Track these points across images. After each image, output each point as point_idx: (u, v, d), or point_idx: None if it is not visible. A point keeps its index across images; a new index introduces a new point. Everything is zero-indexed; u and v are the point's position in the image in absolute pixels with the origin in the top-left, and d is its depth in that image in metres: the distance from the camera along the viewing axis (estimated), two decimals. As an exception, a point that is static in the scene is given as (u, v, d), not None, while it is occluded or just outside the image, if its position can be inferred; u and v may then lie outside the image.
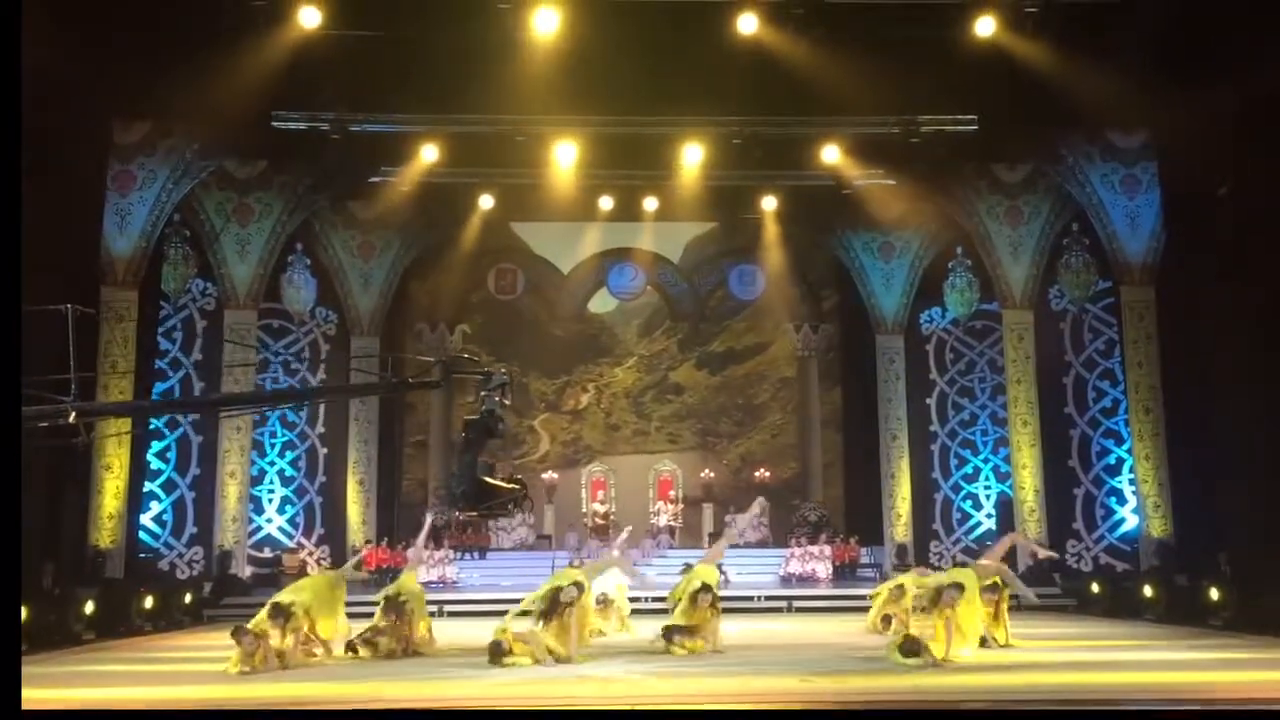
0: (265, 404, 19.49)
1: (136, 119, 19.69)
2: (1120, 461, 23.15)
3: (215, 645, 11.73)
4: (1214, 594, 15.84)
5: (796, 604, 20.10)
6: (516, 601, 13.89)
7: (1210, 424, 18.59)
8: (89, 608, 15.57)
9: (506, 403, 7.65)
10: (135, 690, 9.85)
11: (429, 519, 14.84)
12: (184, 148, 20.40)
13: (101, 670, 11.67)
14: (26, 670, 11.07)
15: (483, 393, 7.61)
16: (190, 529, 22.91)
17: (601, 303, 29.39)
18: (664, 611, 13.63)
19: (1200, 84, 16.32)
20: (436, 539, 24.55)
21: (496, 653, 10.80)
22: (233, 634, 10.81)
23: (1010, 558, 15.11)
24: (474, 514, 7.89)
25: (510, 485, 7.84)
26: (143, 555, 21.36)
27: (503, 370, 7.86)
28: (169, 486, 22.96)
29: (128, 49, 16.26)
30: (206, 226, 22.62)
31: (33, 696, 8.96)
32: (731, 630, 13.11)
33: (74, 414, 7.13)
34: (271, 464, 25.10)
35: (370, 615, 12.68)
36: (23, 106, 7.85)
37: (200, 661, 11.73)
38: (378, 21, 17.22)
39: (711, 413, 29.45)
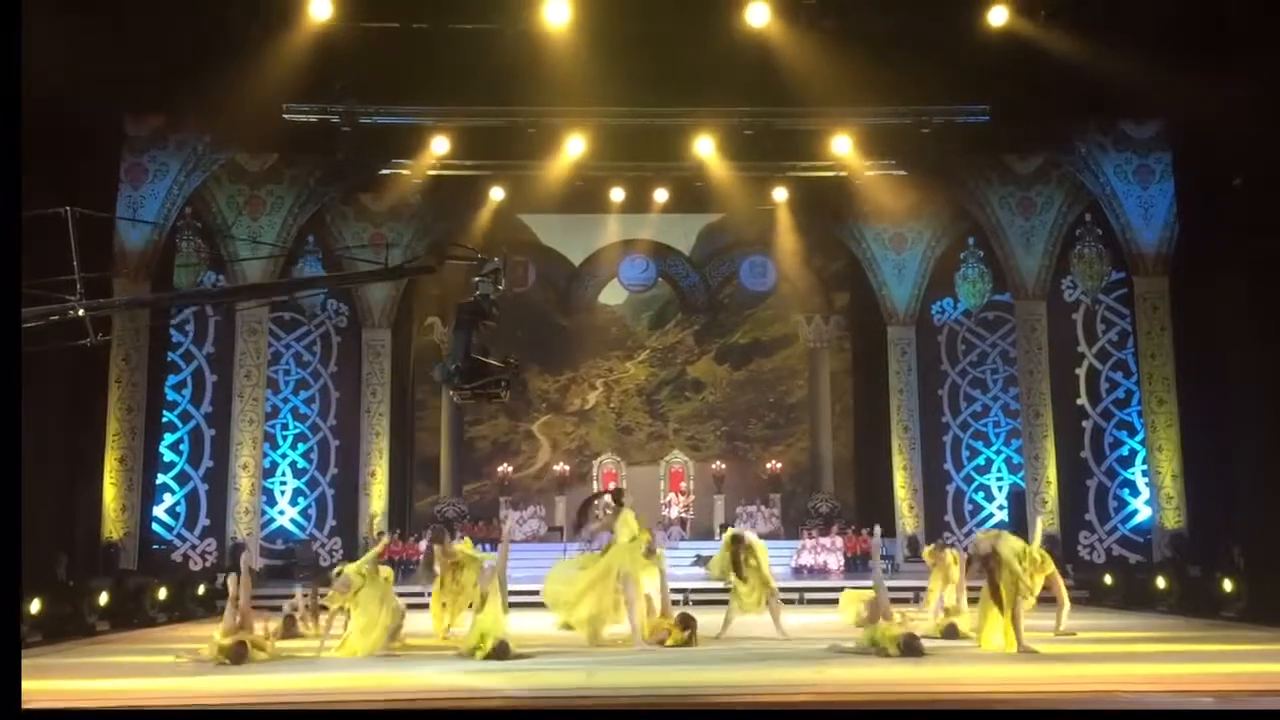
0: (272, 293, 19.51)
1: (149, 112, 19.73)
2: (1133, 453, 23.11)
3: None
4: (1228, 585, 15.79)
5: (808, 595, 20.07)
6: (529, 593, 13.92)
7: (1224, 415, 18.52)
8: (103, 599, 15.64)
9: (500, 288, 7.80)
10: (148, 682, 9.88)
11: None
12: (195, 140, 20.45)
13: (116, 661, 11.71)
14: (41, 661, 11.15)
15: (476, 278, 7.81)
16: (203, 521, 23.02)
17: (611, 294, 28.92)
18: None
19: (1215, 73, 16.23)
20: (450, 531, 24.58)
21: (503, 653, 10.79)
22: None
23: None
24: (467, 393, 7.93)
25: (502, 364, 7.96)
26: (156, 547, 21.46)
27: (495, 259, 8.00)
28: (182, 478, 23.07)
29: (140, 42, 16.30)
30: (218, 219, 22.67)
31: (50, 689, 9.02)
32: (743, 621, 13.11)
33: (82, 309, 7.24)
34: (284, 456, 25.19)
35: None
36: (36, 100, 7.88)
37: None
38: (389, 13, 17.22)
39: (739, 413, 28.33)
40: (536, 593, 13.07)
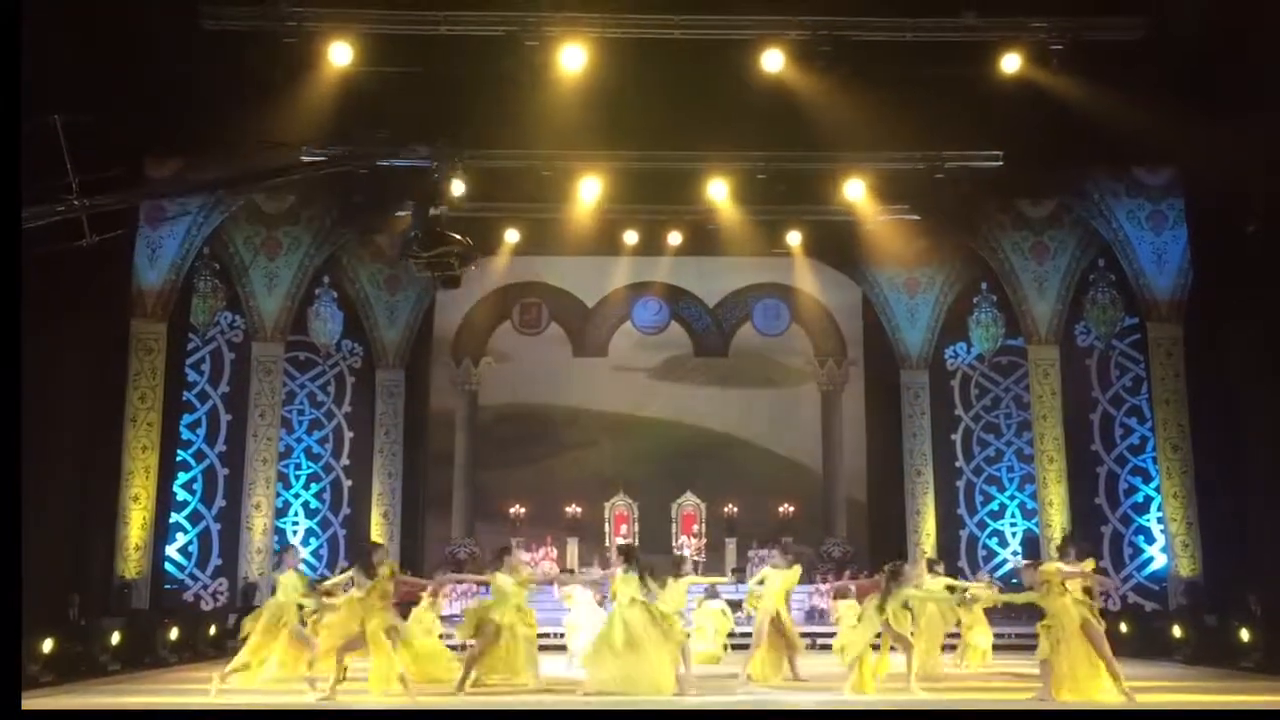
0: (258, 180, 19.57)
1: (169, 154, 19.93)
2: (1148, 499, 22.97)
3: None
4: (1244, 635, 15.64)
5: (820, 641, 19.91)
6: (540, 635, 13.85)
7: (1239, 462, 18.41)
8: (115, 639, 15.61)
9: (454, 172, 8.46)
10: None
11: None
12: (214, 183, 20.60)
13: (130, 702, 11.69)
14: (56, 702, 11.14)
15: (434, 162, 8.38)
16: (215, 560, 23.01)
17: (622, 337, 28.53)
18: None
19: (1228, 119, 16.26)
20: (459, 572, 24.49)
21: None
22: None
23: None
24: (423, 262, 8.42)
25: (460, 238, 8.47)
26: (168, 586, 21.45)
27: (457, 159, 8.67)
28: (195, 518, 23.08)
29: (160, 87, 16.52)
30: (235, 260, 22.84)
31: None
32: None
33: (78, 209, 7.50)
34: (296, 496, 25.22)
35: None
36: (55, 139, 8.02)
37: (223, 694, 11.72)
38: (407, 59, 17.39)
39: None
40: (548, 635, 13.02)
